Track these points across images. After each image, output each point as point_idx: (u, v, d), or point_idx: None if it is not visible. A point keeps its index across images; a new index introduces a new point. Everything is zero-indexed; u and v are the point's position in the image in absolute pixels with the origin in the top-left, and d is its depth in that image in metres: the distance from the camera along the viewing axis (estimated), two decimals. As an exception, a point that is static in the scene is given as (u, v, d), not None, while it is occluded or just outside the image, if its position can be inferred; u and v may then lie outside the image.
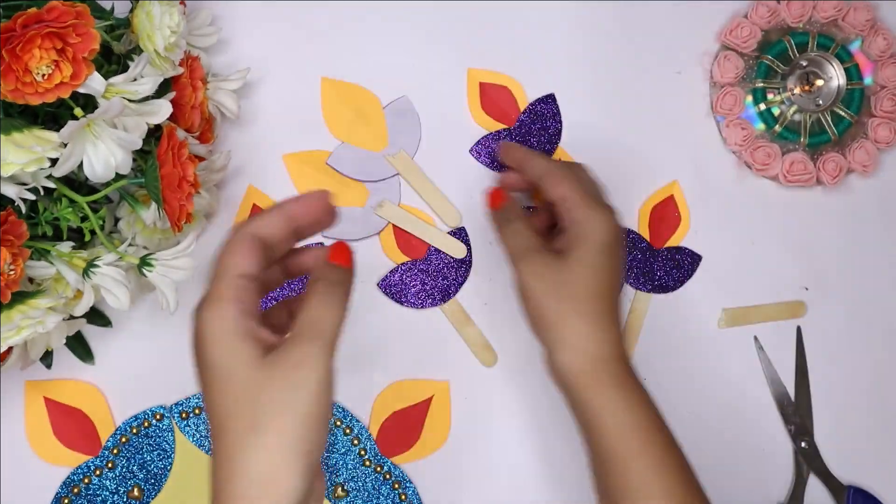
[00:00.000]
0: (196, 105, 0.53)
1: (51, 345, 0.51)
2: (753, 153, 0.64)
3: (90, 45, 0.43)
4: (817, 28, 0.66)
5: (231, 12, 0.61)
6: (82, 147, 0.45)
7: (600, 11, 0.64)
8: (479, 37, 0.63)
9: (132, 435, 0.57)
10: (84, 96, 0.45)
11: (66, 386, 0.57)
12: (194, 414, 0.57)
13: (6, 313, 0.44)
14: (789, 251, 0.64)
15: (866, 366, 0.64)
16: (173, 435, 0.57)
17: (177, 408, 0.57)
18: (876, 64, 0.65)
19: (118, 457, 0.57)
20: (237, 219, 0.60)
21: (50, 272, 0.48)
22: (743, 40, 0.64)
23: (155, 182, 0.47)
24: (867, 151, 0.64)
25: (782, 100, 0.65)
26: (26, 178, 0.45)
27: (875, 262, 0.65)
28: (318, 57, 0.62)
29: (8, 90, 0.42)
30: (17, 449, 0.57)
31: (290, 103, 0.62)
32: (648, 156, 0.64)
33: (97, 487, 0.56)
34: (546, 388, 0.51)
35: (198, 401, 0.57)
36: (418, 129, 0.62)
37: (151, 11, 0.48)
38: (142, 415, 0.57)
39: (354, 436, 0.58)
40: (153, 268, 0.49)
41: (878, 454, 0.62)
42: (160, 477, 0.57)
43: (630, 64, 0.65)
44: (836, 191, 0.65)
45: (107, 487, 0.56)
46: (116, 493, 0.56)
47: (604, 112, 0.64)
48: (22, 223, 0.45)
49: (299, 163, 0.61)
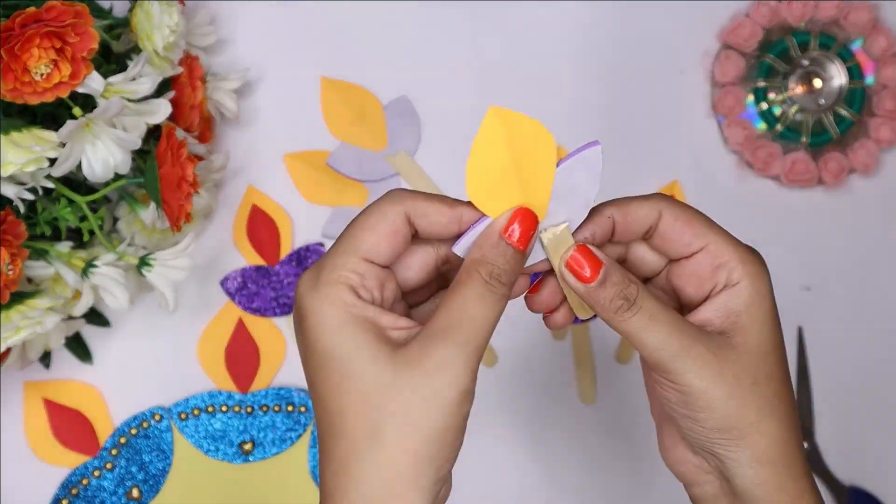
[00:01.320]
0: (195, 105, 0.53)
1: (49, 345, 0.51)
2: (754, 153, 0.64)
3: (89, 45, 0.43)
4: (819, 27, 0.65)
5: (230, 12, 0.61)
6: (81, 147, 0.45)
7: (601, 11, 0.64)
8: (482, 36, 0.63)
9: (131, 436, 0.57)
10: (83, 96, 0.45)
11: (65, 386, 0.57)
12: (193, 415, 0.57)
13: (5, 313, 0.44)
14: (790, 251, 0.64)
15: (867, 366, 0.63)
16: (172, 436, 0.57)
17: (175, 409, 0.57)
18: (878, 63, 0.65)
19: (117, 458, 0.57)
20: (236, 219, 0.60)
21: (49, 272, 0.48)
22: (744, 39, 0.64)
23: (154, 182, 0.47)
24: (869, 151, 0.64)
25: (784, 99, 0.65)
26: (25, 177, 0.45)
27: (877, 263, 0.64)
28: (318, 57, 0.62)
29: (7, 90, 0.42)
30: (16, 449, 0.57)
31: (289, 103, 0.61)
32: (649, 155, 0.64)
33: (96, 488, 0.56)
34: (546, 387, 0.51)
35: (196, 402, 0.57)
36: (418, 129, 0.62)
37: (150, 11, 0.48)
38: (140, 415, 0.57)
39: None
40: (152, 268, 0.49)
41: (879, 455, 0.62)
42: (159, 478, 0.57)
43: (631, 63, 0.64)
44: (837, 191, 0.65)
45: (105, 488, 0.56)
46: (115, 495, 0.56)
47: (604, 111, 0.64)
48: (20, 223, 0.45)
49: (300, 163, 0.61)
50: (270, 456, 0.57)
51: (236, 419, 0.57)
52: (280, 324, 0.59)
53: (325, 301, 0.31)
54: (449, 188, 0.61)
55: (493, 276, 0.32)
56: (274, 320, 0.59)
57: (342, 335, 0.31)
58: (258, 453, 0.57)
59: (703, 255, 0.34)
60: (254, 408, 0.58)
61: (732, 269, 0.34)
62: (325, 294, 0.31)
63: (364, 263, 0.32)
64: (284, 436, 0.58)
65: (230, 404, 0.58)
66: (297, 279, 0.59)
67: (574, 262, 0.33)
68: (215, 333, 0.59)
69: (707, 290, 0.34)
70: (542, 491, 0.59)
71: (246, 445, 0.57)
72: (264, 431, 0.58)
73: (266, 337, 0.59)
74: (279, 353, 0.59)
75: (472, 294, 0.32)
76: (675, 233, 0.34)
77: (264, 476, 0.58)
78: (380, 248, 0.32)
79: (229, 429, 0.57)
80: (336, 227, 0.60)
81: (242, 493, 0.57)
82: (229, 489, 0.57)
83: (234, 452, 0.57)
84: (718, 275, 0.34)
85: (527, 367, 0.60)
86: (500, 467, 0.59)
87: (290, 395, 0.58)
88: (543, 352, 0.61)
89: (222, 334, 0.59)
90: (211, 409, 0.57)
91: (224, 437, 0.57)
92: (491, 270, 0.32)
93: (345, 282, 0.31)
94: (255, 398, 0.58)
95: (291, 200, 0.61)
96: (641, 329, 0.33)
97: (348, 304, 0.31)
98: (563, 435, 0.59)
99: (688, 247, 0.34)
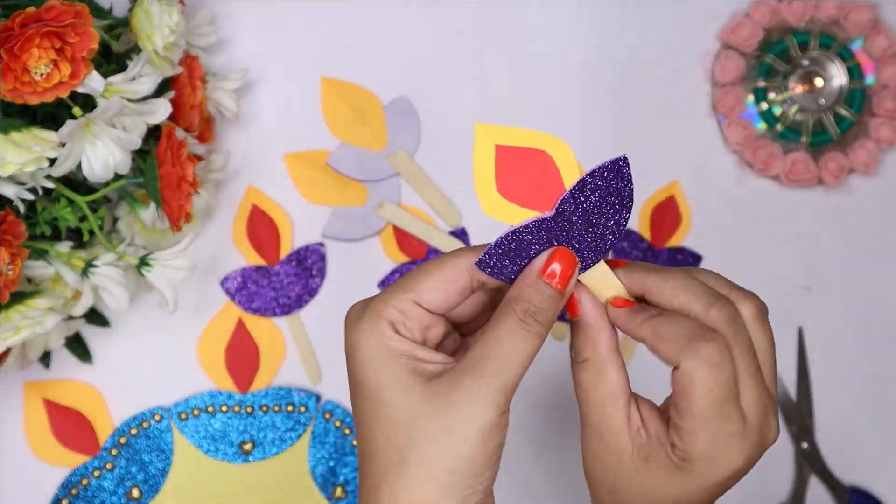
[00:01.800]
0: (195, 105, 0.53)
1: (49, 345, 0.51)
2: (755, 153, 0.64)
3: (89, 45, 0.43)
4: (819, 27, 0.65)
5: (230, 12, 0.61)
6: (81, 147, 0.45)
7: (601, 11, 0.64)
8: (482, 36, 0.63)
9: (131, 436, 0.57)
10: (83, 96, 0.45)
11: (65, 386, 0.57)
12: (193, 415, 0.57)
13: (5, 313, 0.44)
14: (790, 251, 0.64)
15: (867, 366, 0.63)
16: (172, 436, 0.57)
17: (175, 409, 0.57)
18: (878, 63, 0.65)
19: (117, 458, 0.57)
20: (236, 219, 0.60)
21: (49, 272, 0.48)
22: (744, 39, 0.64)
23: (154, 182, 0.47)
24: (869, 151, 0.64)
25: (784, 99, 0.65)
26: (25, 177, 0.45)
27: (877, 262, 0.64)
28: (318, 57, 0.62)
29: (7, 90, 0.42)
30: (16, 449, 0.57)
31: (289, 103, 0.61)
32: (649, 155, 0.64)
33: (95, 489, 0.56)
34: (547, 386, 0.51)
35: (196, 402, 0.57)
36: (418, 128, 0.62)
37: (150, 11, 0.48)
38: (140, 416, 0.57)
39: (355, 436, 0.58)
40: (152, 268, 0.49)
41: (879, 455, 0.62)
42: (159, 478, 0.57)
43: (631, 63, 0.64)
44: (837, 191, 0.65)
45: (105, 489, 0.56)
46: (115, 495, 0.56)
47: (604, 111, 0.64)
48: (20, 223, 0.45)
49: (300, 162, 0.61)
50: (270, 456, 0.57)
51: (236, 419, 0.57)
52: (280, 324, 0.59)
53: (364, 333, 0.33)
54: (448, 187, 0.61)
55: (529, 314, 0.33)
56: (274, 320, 0.59)
57: (378, 366, 0.32)
58: (258, 453, 0.57)
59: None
60: (254, 408, 0.58)
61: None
62: (366, 326, 0.33)
63: (412, 304, 0.33)
64: (284, 436, 0.58)
65: (230, 404, 0.58)
66: (296, 279, 0.59)
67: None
68: (215, 333, 0.59)
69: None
70: (542, 489, 0.59)
71: (246, 445, 0.57)
72: (264, 431, 0.58)
73: (266, 337, 0.59)
74: (279, 353, 0.59)
75: (505, 331, 0.32)
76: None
77: (264, 476, 0.58)
78: (432, 294, 0.34)
79: (229, 429, 0.57)
80: (336, 228, 0.60)
81: (242, 493, 0.57)
82: (229, 489, 0.57)
83: (235, 452, 0.57)
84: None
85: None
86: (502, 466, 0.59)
87: (289, 395, 0.58)
88: (544, 350, 0.60)
89: (222, 334, 0.59)
90: (211, 409, 0.57)
91: (224, 436, 0.57)
92: (527, 308, 0.33)
93: (386, 317, 0.33)
94: (255, 398, 0.58)
95: (291, 200, 0.61)
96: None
97: (386, 336, 0.33)
98: (564, 434, 0.59)
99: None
